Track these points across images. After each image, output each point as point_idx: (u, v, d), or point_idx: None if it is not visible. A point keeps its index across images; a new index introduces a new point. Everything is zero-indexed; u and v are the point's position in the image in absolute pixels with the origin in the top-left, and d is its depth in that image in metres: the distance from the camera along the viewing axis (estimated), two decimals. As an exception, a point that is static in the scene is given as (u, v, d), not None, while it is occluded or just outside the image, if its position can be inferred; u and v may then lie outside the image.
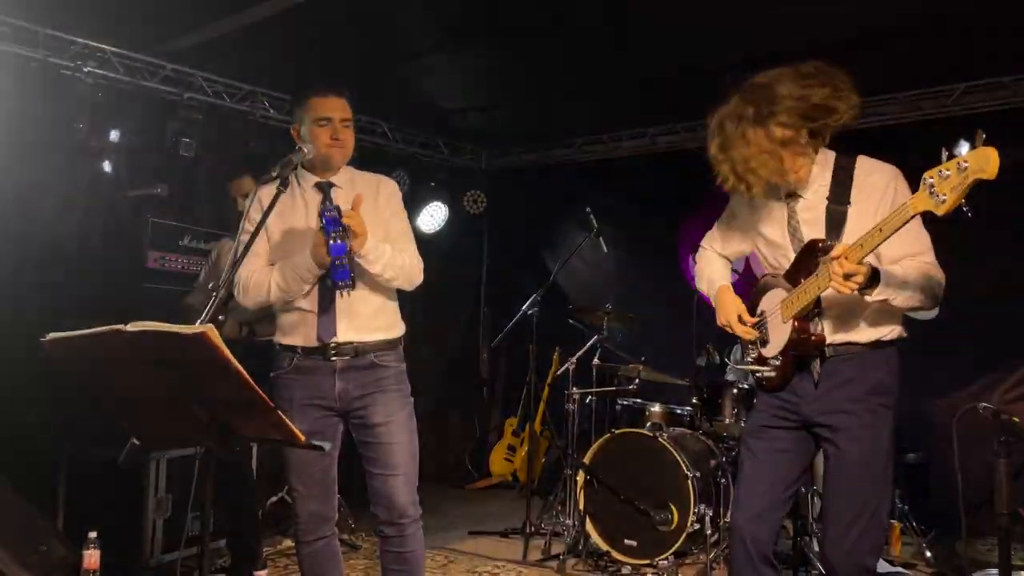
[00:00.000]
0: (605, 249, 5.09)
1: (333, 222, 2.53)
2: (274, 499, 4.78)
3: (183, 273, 4.58)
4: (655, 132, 6.12)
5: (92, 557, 3.79)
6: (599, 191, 6.20)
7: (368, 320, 2.69)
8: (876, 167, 2.35)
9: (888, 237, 2.06)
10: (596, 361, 4.77)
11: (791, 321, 2.38)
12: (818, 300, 2.33)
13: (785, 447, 2.43)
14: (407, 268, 2.71)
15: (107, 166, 4.57)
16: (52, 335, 1.90)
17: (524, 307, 4.88)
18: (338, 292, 2.60)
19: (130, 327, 1.79)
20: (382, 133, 6.06)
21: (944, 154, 1.90)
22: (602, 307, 4.74)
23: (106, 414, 2.27)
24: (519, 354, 6.52)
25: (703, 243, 2.79)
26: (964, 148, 1.87)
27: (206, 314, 2.21)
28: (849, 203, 2.31)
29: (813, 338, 2.35)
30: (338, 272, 2.53)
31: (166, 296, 4.46)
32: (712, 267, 2.72)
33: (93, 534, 3.79)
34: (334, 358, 2.64)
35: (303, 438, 1.94)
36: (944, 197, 1.88)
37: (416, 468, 2.75)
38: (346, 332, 2.65)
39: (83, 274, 4.38)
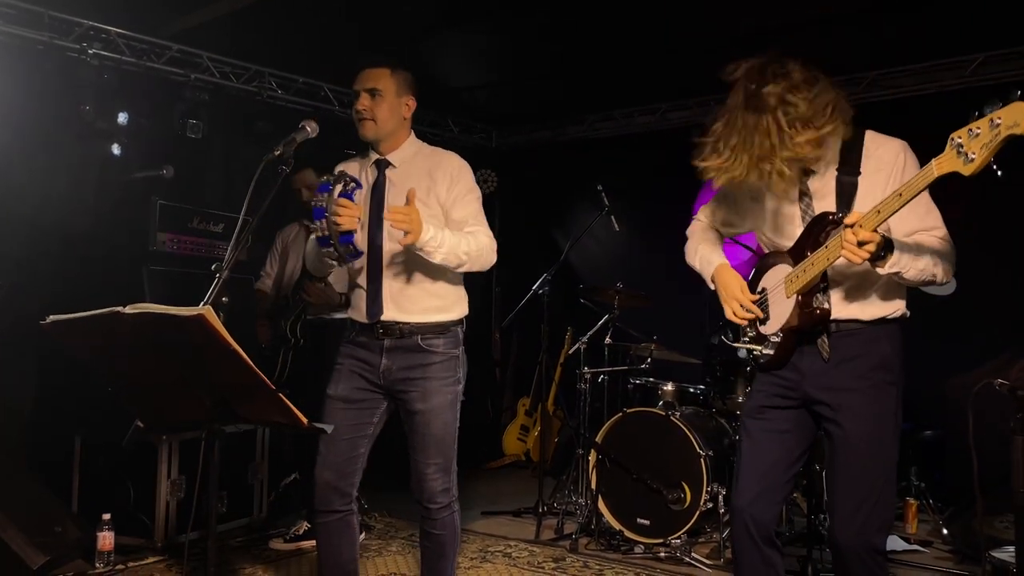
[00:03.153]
0: (617, 227, 5.03)
1: (323, 185, 2.58)
2: (287, 480, 4.80)
3: (192, 255, 4.56)
4: (667, 108, 6.04)
5: (106, 538, 3.83)
6: (611, 169, 6.14)
7: (414, 301, 2.68)
8: (884, 140, 2.30)
9: (908, 202, 2.00)
10: (608, 340, 4.73)
11: (795, 296, 2.33)
12: (824, 274, 2.28)
13: (785, 427, 2.39)
14: (475, 252, 2.63)
15: (115, 149, 4.56)
16: (53, 317, 1.89)
17: (535, 287, 4.85)
18: (371, 265, 2.68)
19: (129, 309, 1.77)
20: (391, 112, 6.01)
21: (974, 114, 1.85)
22: (613, 286, 4.70)
23: (117, 397, 2.29)
24: (531, 334, 6.50)
25: (698, 215, 2.71)
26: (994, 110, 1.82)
27: (209, 295, 2.20)
28: (859, 173, 2.26)
29: (818, 312, 2.29)
30: (321, 240, 2.60)
31: (176, 278, 4.45)
32: (707, 242, 2.65)
33: (107, 516, 3.84)
34: (382, 337, 2.67)
35: (306, 421, 1.92)
36: (973, 156, 1.83)
37: (452, 456, 2.76)
38: (392, 312, 2.66)
39: (93, 257, 4.38)
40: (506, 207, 7.22)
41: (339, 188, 2.57)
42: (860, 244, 2.06)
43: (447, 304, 2.74)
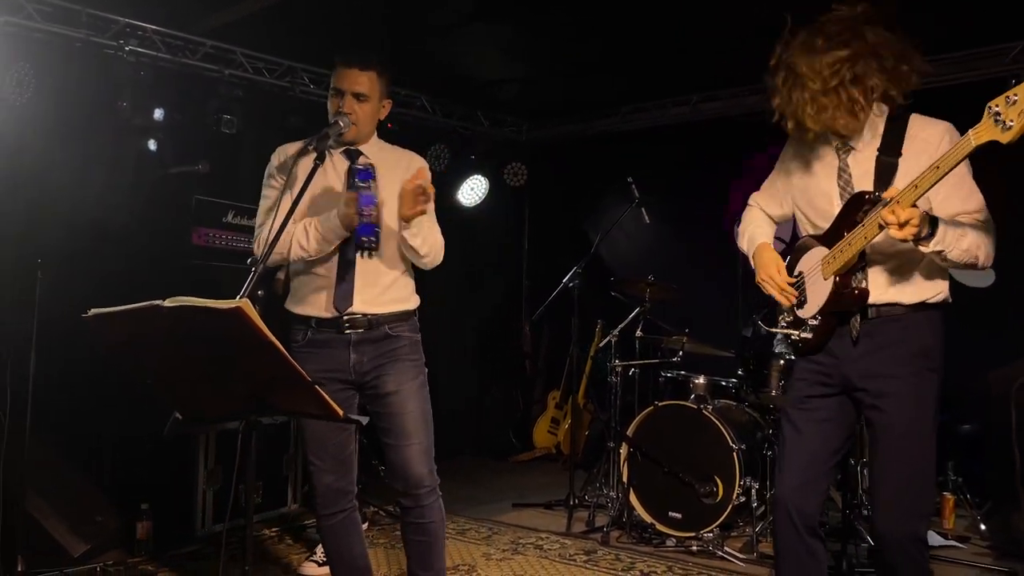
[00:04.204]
0: (648, 220, 5.01)
1: (364, 173, 2.52)
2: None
3: (227, 250, 4.62)
4: (699, 99, 5.99)
5: (144, 528, 3.91)
6: (642, 161, 6.10)
7: (383, 292, 2.67)
8: (930, 122, 2.27)
9: (945, 174, 1.97)
10: (639, 333, 4.72)
11: (832, 278, 2.30)
12: (862, 255, 2.25)
13: (827, 416, 2.37)
14: (438, 247, 2.70)
15: (151, 145, 4.62)
16: (94, 311, 1.92)
17: (565, 280, 4.85)
18: (359, 254, 2.59)
19: (167, 302, 1.80)
20: (421, 106, 6.03)
21: (1011, 82, 1.83)
22: (644, 279, 4.68)
23: (155, 389, 2.32)
24: (561, 327, 6.49)
25: (750, 200, 2.70)
26: None
27: (245, 289, 2.22)
28: (900, 155, 2.23)
29: (856, 292, 2.27)
30: (364, 227, 2.50)
31: (213, 272, 4.51)
32: (755, 224, 2.63)
33: (145, 505, 3.91)
34: (348, 331, 2.62)
35: (341, 412, 1.94)
36: (1011, 123, 1.81)
37: (431, 437, 2.72)
38: (360, 304, 2.63)
39: (130, 252, 4.45)
40: (536, 200, 7.22)
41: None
42: (901, 225, 2.02)
43: (408, 293, 2.77)
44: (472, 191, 6.36)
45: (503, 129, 6.82)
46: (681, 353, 4.67)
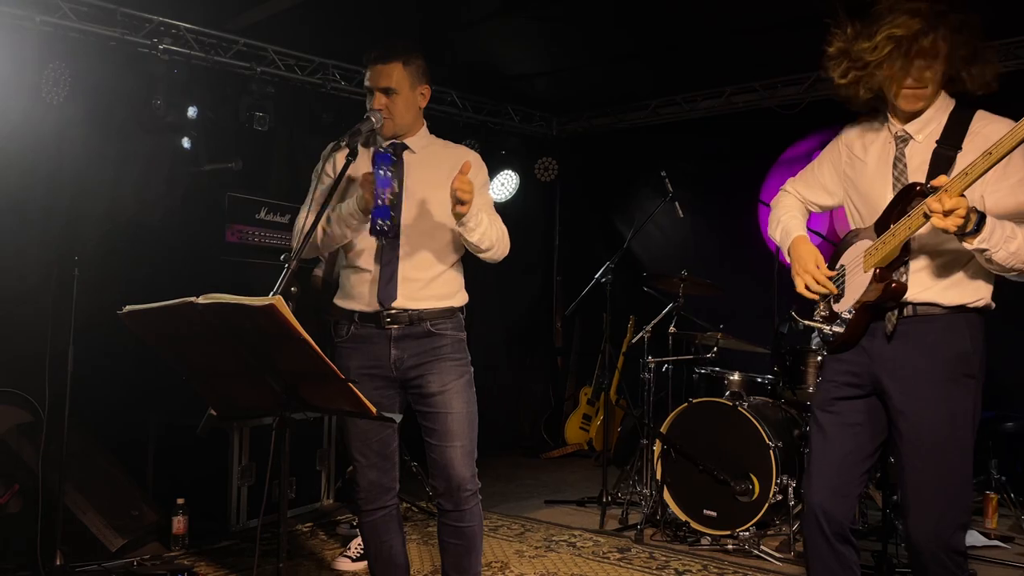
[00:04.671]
0: (681, 214, 4.95)
1: (383, 156, 2.45)
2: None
3: (260, 246, 4.65)
4: (731, 91, 5.91)
5: (180, 522, 3.94)
6: (674, 154, 6.05)
7: (424, 287, 2.62)
8: (993, 119, 2.17)
9: (997, 161, 1.89)
10: (672, 329, 4.66)
11: (872, 271, 2.22)
12: (906, 249, 2.16)
13: (857, 420, 2.27)
14: (500, 239, 2.62)
15: (186, 142, 4.67)
16: (129, 307, 1.92)
17: (597, 275, 4.81)
18: (387, 248, 2.54)
19: (201, 299, 1.79)
20: (451, 102, 6.02)
21: None
22: (678, 274, 4.62)
23: (190, 385, 2.32)
24: (593, 322, 6.46)
25: (785, 186, 2.59)
26: None
27: (278, 286, 2.22)
28: (960, 149, 2.13)
29: (893, 286, 2.17)
30: (378, 210, 2.41)
31: (247, 268, 4.55)
32: (789, 214, 2.51)
33: (181, 500, 3.94)
34: (389, 326, 2.59)
35: (375, 410, 1.92)
36: None
37: (474, 439, 2.67)
38: (401, 299, 2.58)
39: (165, 249, 4.50)
40: (567, 195, 7.18)
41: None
42: (946, 213, 1.93)
43: (453, 290, 2.71)
44: (502, 187, 6.35)
45: (533, 124, 6.79)
46: (716, 349, 4.60)
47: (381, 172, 2.44)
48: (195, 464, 4.18)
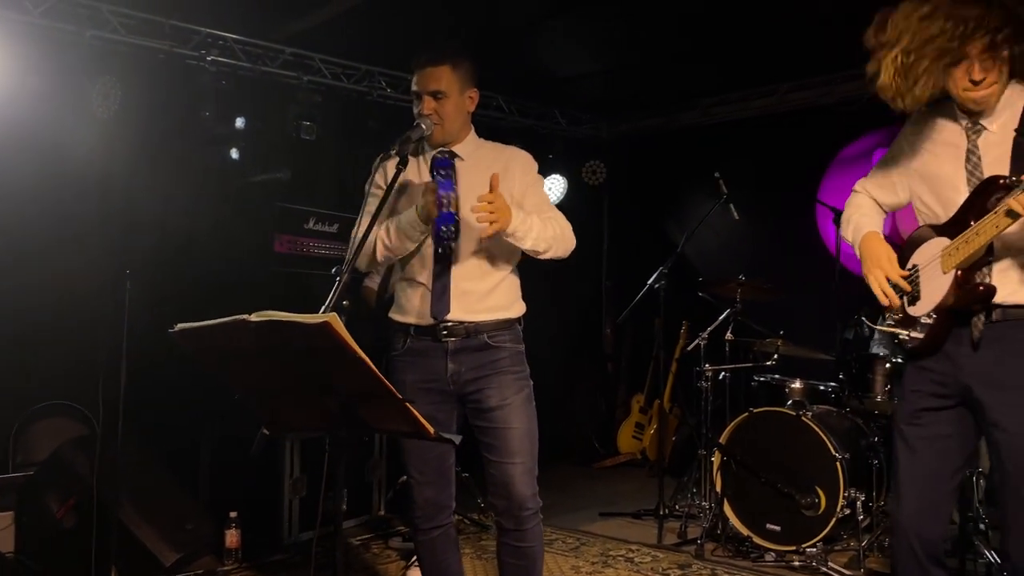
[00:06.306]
0: (736, 216, 4.80)
1: (442, 161, 2.43)
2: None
3: (309, 256, 4.63)
4: (786, 89, 5.74)
5: (233, 536, 3.91)
6: (727, 155, 5.88)
7: (481, 299, 2.55)
8: None
9: None
10: (729, 336, 4.51)
11: (953, 272, 2.08)
12: (990, 248, 2.02)
13: (945, 432, 2.15)
14: (559, 237, 2.54)
15: (234, 153, 4.66)
16: (180, 325, 1.87)
17: (650, 281, 4.68)
18: (441, 259, 2.48)
19: (254, 317, 1.73)
20: (497, 106, 5.94)
21: None
22: (735, 278, 4.47)
23: (243, 404, 2.27)
24: (644, 329, 6.31)
25: (857, 186, 2.46)
26: None
27: (330, 300, 2.15)
28: None
29: (981, 289, 2.03)
30: (442, 216, 2.37)
31: (296, 279, 4.53)
32: (861, 212, 2.38)
33: (234, 513, 3.91)
34: (445, 339, 2.51)
35: (433, 431, 1.84)
36: None
37: (535, 456, 2.59)
38: (457, 311, 2.51)
39: (215, 260, 4.49)
40: (615, 198, 7.06)
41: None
42: None
43: (511, 300, 2.63)
44: (550, 191, 6.24)
45: (580, 127, 6.68)
46: (776, 356, 4.44)
47: (441, 177, 2.39)
48: (247, 477, 4.16)
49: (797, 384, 4.35)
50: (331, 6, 4.38)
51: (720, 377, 4.56)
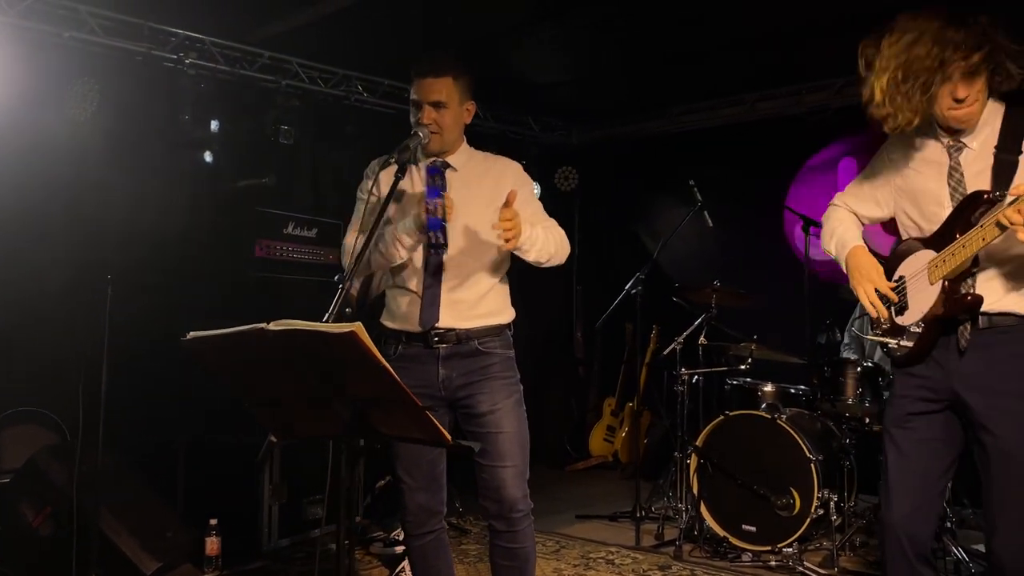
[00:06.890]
0: (711, 223, 4.90)
1: (432, 169, 2.48)
2: (381, 483, 4.79)
3: (288, 260, 4.60)
4: (755, 99, 5.87)
5: (213, 543, 3.87)
6: (697, 163, 5.98)
7: (471, 306, 2.59)
8: None
9: None
10: (703, 340, 4.60)
11: (940, 283, 2.17)
12: (976, 259, 2.12)
13: (934, 435, 2.23)
14: (559, 245, 2.62)
15: (207, 156, 4.62)
16: (193, 334, 1.86)
17: (627, 287, 4.75)
18: (431, 268, 2.52)
19: (273, 326, 1.73)
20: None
21: None
22: (710, 284, 4.57)
23: (222, 404, 2.25)
24: (615, 333, 6.39)
25: (835, 200, 2.56)
26: None
27: (333, 307, 2.16)
28: (1021, 152, 2.10)
29: (968, 299, 2.13)
30: (430, 222, 2.42)
31: (275, 284, 4.49)
32: (844, 225, 2.47)
33: (214, 521, 3.87)
34: (436, 345, 2.55)
35: (450, 438, 1.87)
36: None
37: (527, 459, 2.64)
38: (448, 319, 2.55)
39: (194, 265, 4.44)
40: (587, 204, 7.12)
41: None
42: None
43: (500, 307, 2.68)
44: (524, 196, 6.28)
45: (553, 133, 6.74)
46: (750, 360, 4.54)
47: (430, 184, 2.43)
48: (227, 483, 4.11)
49: (769, 387, 4.46)
50: (313, 9, 4.36)
51: (694, 380, 4.65)
